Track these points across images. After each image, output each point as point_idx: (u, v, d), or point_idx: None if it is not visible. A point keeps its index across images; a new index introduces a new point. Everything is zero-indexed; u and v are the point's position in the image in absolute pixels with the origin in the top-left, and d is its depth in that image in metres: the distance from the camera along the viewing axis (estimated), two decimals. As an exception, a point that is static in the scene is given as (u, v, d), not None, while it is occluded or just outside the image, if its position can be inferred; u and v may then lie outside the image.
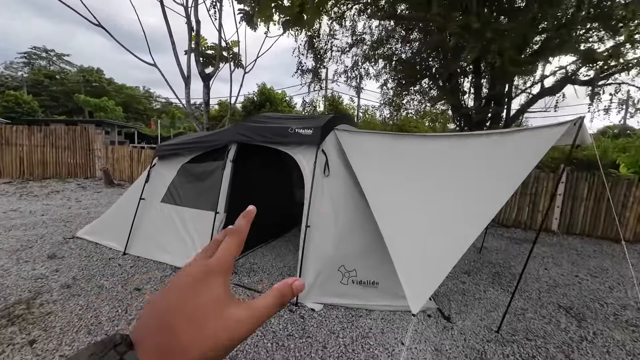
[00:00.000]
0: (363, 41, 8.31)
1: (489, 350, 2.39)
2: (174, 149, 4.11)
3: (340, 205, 3.09)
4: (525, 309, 3.07)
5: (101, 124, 22.74)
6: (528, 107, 6.37)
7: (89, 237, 4.39)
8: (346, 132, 3.34)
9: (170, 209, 3.88)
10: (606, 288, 3.68)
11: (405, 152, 2.88)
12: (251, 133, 3.53)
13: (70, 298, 2.84)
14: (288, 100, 17.51)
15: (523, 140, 2.35)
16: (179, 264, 3.64)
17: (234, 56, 9.76)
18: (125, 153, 10.39)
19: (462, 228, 2.04)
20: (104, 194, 8.23)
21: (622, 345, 2.55)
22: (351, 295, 2.92)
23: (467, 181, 2.34)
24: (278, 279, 3.48)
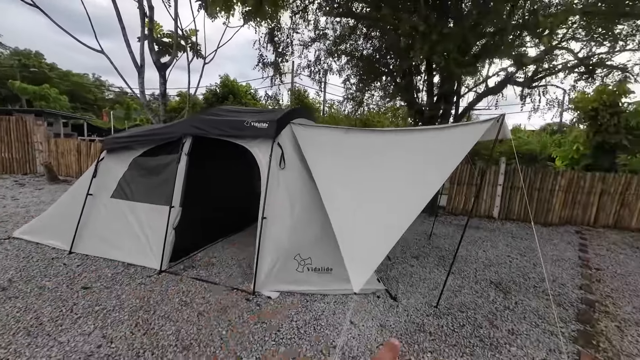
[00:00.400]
0: (326, 36, 8.41)
1: (427, 323, 2.67)
2: (124, 141, 3.93)
3: (296, 197, 3.20)
4: (462, 286, 3.45)
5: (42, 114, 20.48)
6: (474, 105, 6.94)
7: (28, 237, 4.06)
8: (302, 126, 3.44)
9: (121, 205, 3.72)
10: (531, 265, 4.23)
11: (354, 145, 3.06)
12: (206, 126, 3.49)
13: (5, 301, 2.66)
14: (253, 93, 17.15)
15: (455, 135, 2.64)
16: (131, 260, 3.53)
17: (192, 45, 9.37)
18: (72, 146, 9.56)
19: (398, 216, 2.25)
20: (47, 190, 7.55)
21: (536, 310, 2.99)
22: (307, 281, 3.07)
23: (407, 172, 2.58)
24: (236, 271, 3.53)
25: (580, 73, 7.07)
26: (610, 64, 6.78)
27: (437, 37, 3.93)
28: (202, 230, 4.14)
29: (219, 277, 3.33)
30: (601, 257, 4.66)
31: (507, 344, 2.43)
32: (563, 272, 4.01)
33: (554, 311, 2.89)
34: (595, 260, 4.54)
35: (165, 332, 2.36)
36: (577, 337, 2.59)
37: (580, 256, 4.67)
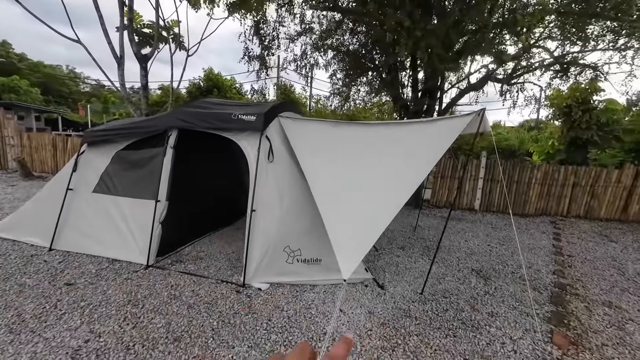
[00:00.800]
0: (312, 30, 8.37)
1: (413, 309, 2.79)
2: (105, 135, 3.81)
3: (285, 189, 3.23)
4: (445, 274, 3.60)
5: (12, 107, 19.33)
6: (457, 101, 7.15)
7: (3, 235, 3.88)
8: (289, 119, 3.46)
9: (104, 199, 3.62)
10: (509, 253, 4.45)
11: (342, 138, 3.11)
12: (193, 119, 3.45)
13: None
14: (238, 87, 16.86)
15: (439, 128, 2.73)
16: (115, 255, 3.47)
17: (174, 37, 9.10)
18: (47, 141, 9.13)
19: (385, 206, 2.33)
20: (21, 187, 7.20)
21: (513, 294, 3.16)
22: (296, 272, 3.12)
23: (393, 164, 2.66)
24: (225, 264, 3.52)
25: (555, 71, 7.41)
26: (583, 63, 7.15)
27: (421, 32, 4.03)
28: (189, 224, 4.09)
29: (207, 271, 3.32)
30: (573, 245, 4.95)
31: (487, 325, 2.57)
32: (538, 259, 4.25)
33: (529, 295, 3.07)
34: (567, 247, 4.82)
35: (155, 325, 2.35)
36: (551, 317, 2.78)
37: (554, 244, 4.95)
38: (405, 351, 2.21)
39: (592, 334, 2.56)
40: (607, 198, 6.60)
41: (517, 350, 2.28)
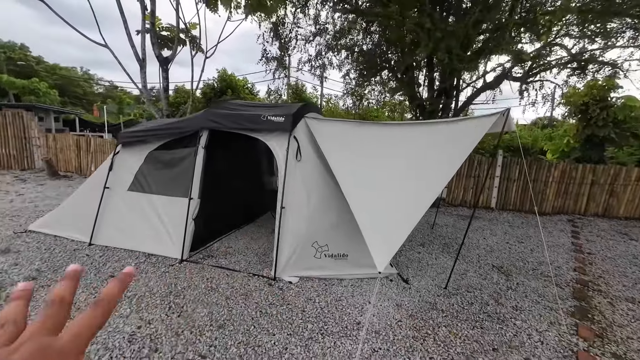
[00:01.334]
0: (326, 31, 8.49)
1: (439, 302, 2.89)
2: (139, 135, 4.01)
3: (312, 187, 3.37)
4: (467, 270, 3.68)
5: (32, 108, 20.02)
6: (473, 100, 7.17)
7: (45, 230, 4.13)
8: (315, 119, 3.59)
9: (139, 197, 3.83)
10: (528, 250, 4.50)
11: (367, 137, 3.22)
12: (223, 120, 3.61)
13: (38, 289, 2.77)
14: (250, 87, 17.09)
15: (462, 128, 2.82)
16: (151, 250, 3.66)
17: (192, 39, 9.33)
18: (71, 142, 9.48)
19: (416, 200, 2.44)
20: (49, 186, 7.53)
21: (536, 290, 3.24)
22: (324, 267, 3.26)
23: (419, 161, 2.76)
24: (254, 259, 3.69)
25: (572, 69, 7.35)
26: (602, 60, 7.07)
27: (442, 34, 4.10)
28: (217, 221, 4.27)
29: (239, 265, 3.49)
30: (592, 243, 4.96)
31: (512, 318, 2.66)
32: (558, 257, 4.29)
33: (554, 290, 3.14)
34: (586, 245, 4.84)
35: (199, 313, 2.52)
36: (574, 311, 2.85)
37: (573, 242, 4.97)
38: (435, 340, 2.32)
39: (616, 327, 2.62)
40: (627, 196, 6.54)
41: (543, 341, 2.37)
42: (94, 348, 2.06)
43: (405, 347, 2.22)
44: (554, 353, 2.24)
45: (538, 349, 2.28)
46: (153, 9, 7.27)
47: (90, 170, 9.26)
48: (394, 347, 2.23)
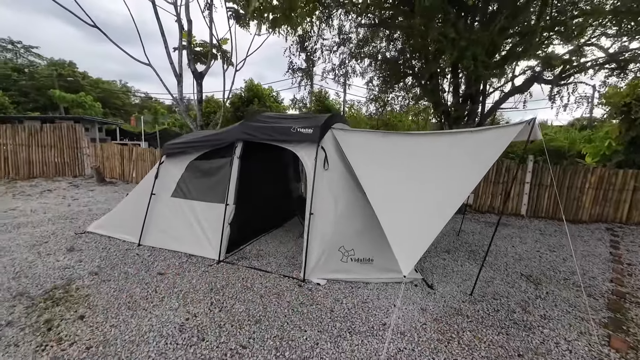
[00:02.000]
0: (349, 40, 8.73)
1: (464, 308, 2.95)
2: (181, 147, 4.42)
3: (339, 194, 3.56)
4: (494, 278, 3.68)
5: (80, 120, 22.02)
6: (500, 104, 7.04)
7: (100, 231, 4.66)
8: (342, 130, 3.80)
9: (181, 203, 4.22)
10: (561, 260, 4.38)
11: (392, 147, 3.37)
12: (256, 132, 3.92)
13: (101, 283, 3.18)
14: (275, 95, 17.71)
15: (487, 138, 2.90)
16: (191, 251, 4.02)
17: (222, 53, 9.94)
18: (116, 151, 10.40)
19: (440, 208, 2.55)
20: (99, 191, 8.33)
21: (566, 300, 3.19)
22: (350, 271, 3.42)
23: (443, 170, 2.87)
24: (284, 262, 3.93)
25: (611, 69, 7.01)
26: (644, 59, 6.67)
27: (466, 42, 4.16)
28: (249, 225, 4.57)
29: (270, 267, 3.75)
30: (633, 253, 4.71)
31: (540, 327, 2.67)
32: (594, 267, 4.14)
33: (584, 300, 3.08)
34: (627, 256, 4.61)
35: (237, 309, 2.78)
36: (608, 323, 2.79)
37: (611, 252, 4.75)
38: (460, 344, 2.41)
39: (654, 341, 2.55)
40: (675, 204, 6.10)
41: (572, 350, 2.37)
42: (151, 335, 2.38)
43: (429, 349, 2.33)
44: (583, 362, 2.25)
45: (566, 357, 2.30)
46: (190, 28, 7.89)
47: (132, 177, 10.10)
48: (418, 347, 2.34)
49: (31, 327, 2.43)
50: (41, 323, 2.48)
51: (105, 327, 2.47)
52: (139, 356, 2.15)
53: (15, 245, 4.12)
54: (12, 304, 2.73)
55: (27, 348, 2.19)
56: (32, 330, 2.39)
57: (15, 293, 2.92)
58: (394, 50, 8.49)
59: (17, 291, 2.96)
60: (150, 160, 9.67)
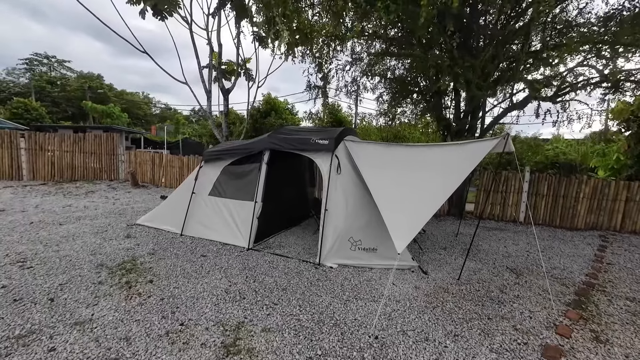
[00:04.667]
0: (361, 60, 9.62)
1: (450, 288, 3.60)
2: (217, 154, 5.30)
3: (349, 194, 4.30)
4: (481, 269, 4.30)
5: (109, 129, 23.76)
6: (499, 119, 7.69)
7: (148, 224, 5.54)
8: (352, 142, 4.57)
9: (217, 200, 5.06)
10: (546, 258, 4.93)
11: (392, 156, 4.12)
12: (282, 142, 4.74)
13: (159, 260, 4.00)
14: (290, 108, 18.80)
15: (469, 149, 3.60)
16: (225, 240, 4.82)
17: (245, 71, 11.03)
18: (148, 158, 11.52)
19: (427, 205, 3.25)
20: (135, 193, 9.35)
21: (542, 287, 3.77)
22: (358, 257, 4.13)
23: (433, 175, 3.58)
24: (302, 251, 4.67)
25: (606, 88, 7.55)
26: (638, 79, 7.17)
27: (460, 69, 4.89)
28: (272, 221, 5.35)
29: (290, 254, 4.49)
30: (617, 256, 5.20)
31: (510, 302, 3.29)
32: (574, 264, 4.68)
33: (554, 287, 3.67)
34: (610, 257, 5.10)
35: (267, 281, 3.53)
36: (570, 303, 3.37)
37: (596, 254, 5.25)
38: (442, 310, 3.07)
39: (605, 316, 3.13)
40: (665, 214, 6.50)
41: (532, 317, 2.99)
42: (205, 294, 3.15)
43: (417, 311, 3.01)
44: (538, 324, 2.87)
45: (525, 321, 2.92)
46: (220, 51, 8.98)
47: (162, 182, 11.14)
48: (409, 310, 3.02)
49: (116, 285, 3.26)
50: (123, 283, 3.30)
51: (170, 288, 3.26)
52: (200, 305, 2.92)
53: (83, 232, 5.04)
54: (97, 271, 3.58)
55: (119, 297, 3.01)
56: (118, 287, 3.21)
57: (97, 264, 3.78)
58: (402, 69, 9.31)
59: (98, 263, 3.81)
60: (178, 166, 10.70)
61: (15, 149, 10.65)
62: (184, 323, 2.61)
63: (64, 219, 5.81)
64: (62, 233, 4.96)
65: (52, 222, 5.60)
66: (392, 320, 2.82)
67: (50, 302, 2.84)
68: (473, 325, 2.79)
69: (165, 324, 2.58)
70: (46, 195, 8.35)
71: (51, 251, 4.14)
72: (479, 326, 2.79)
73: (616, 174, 9.07)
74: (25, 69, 45.16)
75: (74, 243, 4.51)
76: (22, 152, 10.76)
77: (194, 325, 2.58)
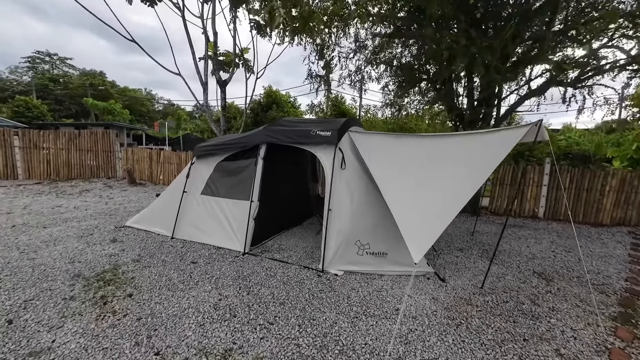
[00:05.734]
0: (365, 47, 9.03)
1: (474, 299, 3.13)
2: (210, 149, 4.83)
3: (354, 192, 3.82)
4: (505, 274, 3.81)
5: (110, 126, 23.50)
6: (516, 107, 7.08)
7: (137, 226, 5.13)
8: (357, 133, 4.07)
9: (210, 200, 4.61)
10: (575, 260, 4.42)
11: (404, 147, 3.61)
12: (279, 135, 4.26)
13: (143, 269, 3.59)
14: (292, 101, 18.24)
15: (495, 139, 3.09)
16: (219, 244, 4.39)
17: (244, 62, 10.50)
18: (145, 155, 11.13)
19: (447, 205, 2.76)
20: (130, 191, 8.98)
21: (577, 295, 3.29)
22: (366, 263, 3.67)
23: (451, 169, 3.08)
24: (303, 255, 4.22)
25: (634, 70, 6.90)
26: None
27: (477, 49, 4.34)
28: (271, 222, 4.90)
29: (290, 259, 4.05)
30: (654, 256, 4.66)
31: (547, 317, 2.81)
32: (609, 267, 4.16)
33: (596, 295, 3.17)
34: (646, 258, 4.57)
35: (263, 293, 3.09)
36: (617, 317, 2.88)
37: (630, 254, 4.72)
38: (468, 328, 2.60)
39: (662, 333, 2.63)
40: (703, 207, 5.92)
41: (577, 337, 2.51)
42: (190, 310, 2.72)
43: (439, 331, 2.54)
44: (586, 348, 2.39)
45: (570, 343, 2.44)
46: (215, 40, 8.46)
47: (160, 179, 10.75)
48: (428, 329, 2.56)
49: (90, 301, 2.84)
50: (97, 298, 2.89)
51: (151, 303, 2.84)
52: (182, 326, 2.49)
53: (66, 236, 4.64)
54: (71, 283, 3.17)
55: (89, 317, 2.59)
56: (91, 304, 2.79)
57: (73, 274, 3.37)
58: (409, 56, 8.71)
59: (74, 273, 3.40)
60: (176, 163, 10.29)
61: (9, 148, 10.33)
62: (159, 352, 2.18)
63: (49, 221, 5.43)
64: (44, 237, 4.57)
65: (36, 224, 5.22)
66: (409, 344, 2.36)
67: (8, 325, 2.43)
68: (508, 350, 2.32)
69: (137, 354, 2.15)
70: (38, 195, 8.00)
71: (26, 259, 3.75)
72: (515, 351, 2.32)
73: (634, 164, 8.48)
74: (27, 67, 45.08)
75: (53, 249, 4.11)
76: (17, 151, 10.44)
77: (171, 356, 2.15)
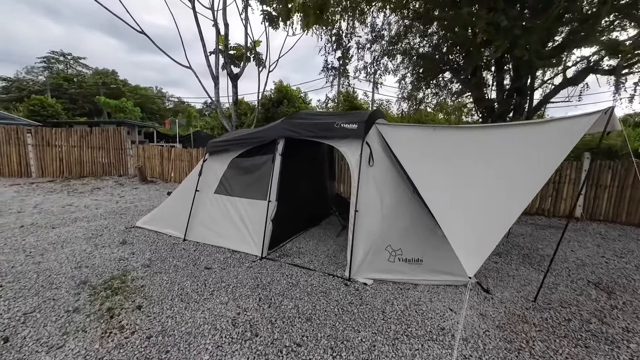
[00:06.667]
0: (382, 37, 8.55)
1: (529, 315, 2.70)
2: (223, 145, 4.50)
3: (385, 192, 3.42)
4: (557, 284, 3.36)
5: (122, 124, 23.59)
6: (550, 98, 6.52)
7: (148, 227, 4.87)
8: (387, 125, 3.66)
9: (224, 199, 4.29)
10: (633, 267, 3.92)
11: (444, 142, 3.17)
12: (298, 129, 3.89)
13: (154, 275, 3.29)
14: (303, 97, 17.83)
15: (555, 130, 2.63)
16: (234, 247, 4.07)
17: (255, 55, 10.16)
18: (156, 152, 10.95)
19: (505, 206, 2.34)
20: (142, 189, 8.79)
21: (650, 312, 2.82)
22: (398, 271, 3.27)
23: (505, 166, 2.64)
24: (325, 260, 3.86)
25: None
26: None
27: (520, 31, 3.85)
28: (289, 223, 4.56)
29: (312, 264, 3.69)
30: None
31: (623, 340, 2.37)
32: (675, 276, 3.66)
33: (674, 313, 2.70)
34: None
35: (286, 306, 2.74)
36: None
37: (693, 260, 4.18)
38: (532, 355, 2.19)
39: None
40: None
41: (670, 369, 2.07)
42: (206, 327, 2.39)
43: (498, 358, 2.14)
44: (686, 384, 1.95)
45: (663, 377, 2.00)
46: (226, 32, 8.13)
47: (171, 177, 10.56)
48: (485, 356, 2.16)
49: (95, 314, 2.55)
50: (104, 311, 2.59)
51: (162, 317, 2.53)
52: (197, 347, 2.17)
53: (75, 238, 4.41)
54: (77, 292, 2.89)
55: (93, 334, 2.29)
56: (97, 318, 2.50)
57: (79, 281, 3.09)
58: (429, 46, 8.19)
59: (80, 280, 3.13)
60: (187, 160, 10.07)
61: (22, 146, 10.30)
62: (172, 382, 1.86)
63: (59, 221, 5.23)
64: (52, 239, 4.35)
65: (45, 224, 5.02)
66: (467, 376, 1.97)
67: (3, 344, 2.15)
68: (589, 386, 1.91)
69: (146, 384, 1.83)
70: (49, 193, 7.88)
71: (31, 263, 3.50)
72: (598, 387, 1.90)
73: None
74: (43, 67, 45.96)
75: (61, 252, 3.87)
76: (30, 149, 10.41)
77: (185, 387, 1.82)
